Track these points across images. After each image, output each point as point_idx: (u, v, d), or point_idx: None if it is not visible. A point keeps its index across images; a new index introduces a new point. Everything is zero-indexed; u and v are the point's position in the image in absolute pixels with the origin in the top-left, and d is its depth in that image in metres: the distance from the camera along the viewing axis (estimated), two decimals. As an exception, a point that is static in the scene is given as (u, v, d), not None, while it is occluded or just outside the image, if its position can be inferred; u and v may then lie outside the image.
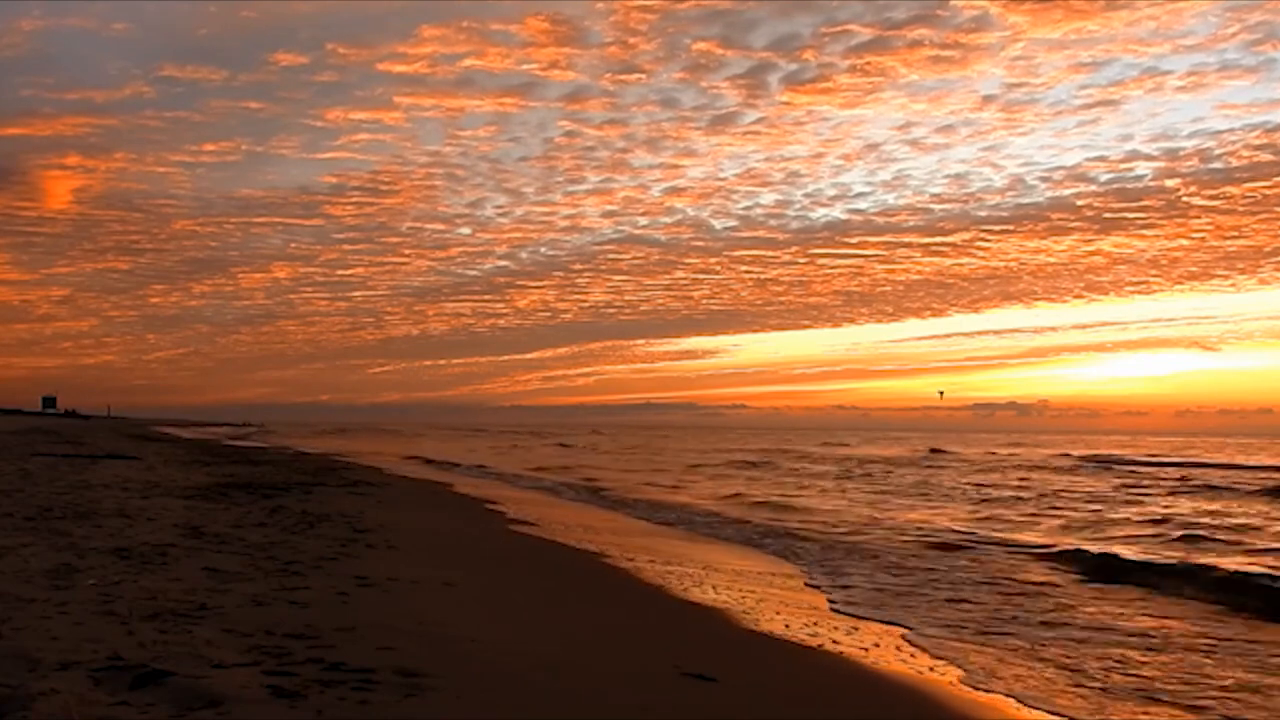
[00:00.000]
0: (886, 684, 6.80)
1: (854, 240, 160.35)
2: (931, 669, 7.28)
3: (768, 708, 5.75)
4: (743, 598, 9.81)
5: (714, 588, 10.38)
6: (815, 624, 8.73)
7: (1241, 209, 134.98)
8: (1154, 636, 8.94)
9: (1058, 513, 21.52)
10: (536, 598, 9.04)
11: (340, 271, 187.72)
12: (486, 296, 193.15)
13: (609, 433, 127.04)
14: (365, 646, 5.64)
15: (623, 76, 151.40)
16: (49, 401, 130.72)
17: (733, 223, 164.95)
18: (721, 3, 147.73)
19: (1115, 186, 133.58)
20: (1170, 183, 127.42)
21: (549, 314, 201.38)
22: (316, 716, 4.33)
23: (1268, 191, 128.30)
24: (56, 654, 5.07)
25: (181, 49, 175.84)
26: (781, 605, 9.65)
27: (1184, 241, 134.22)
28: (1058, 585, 11.91)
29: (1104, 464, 45.60)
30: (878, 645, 8.01)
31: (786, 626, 8.45)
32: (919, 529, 17.74)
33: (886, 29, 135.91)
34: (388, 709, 4.51)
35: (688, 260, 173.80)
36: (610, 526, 17.13)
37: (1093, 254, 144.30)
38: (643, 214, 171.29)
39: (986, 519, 20.27)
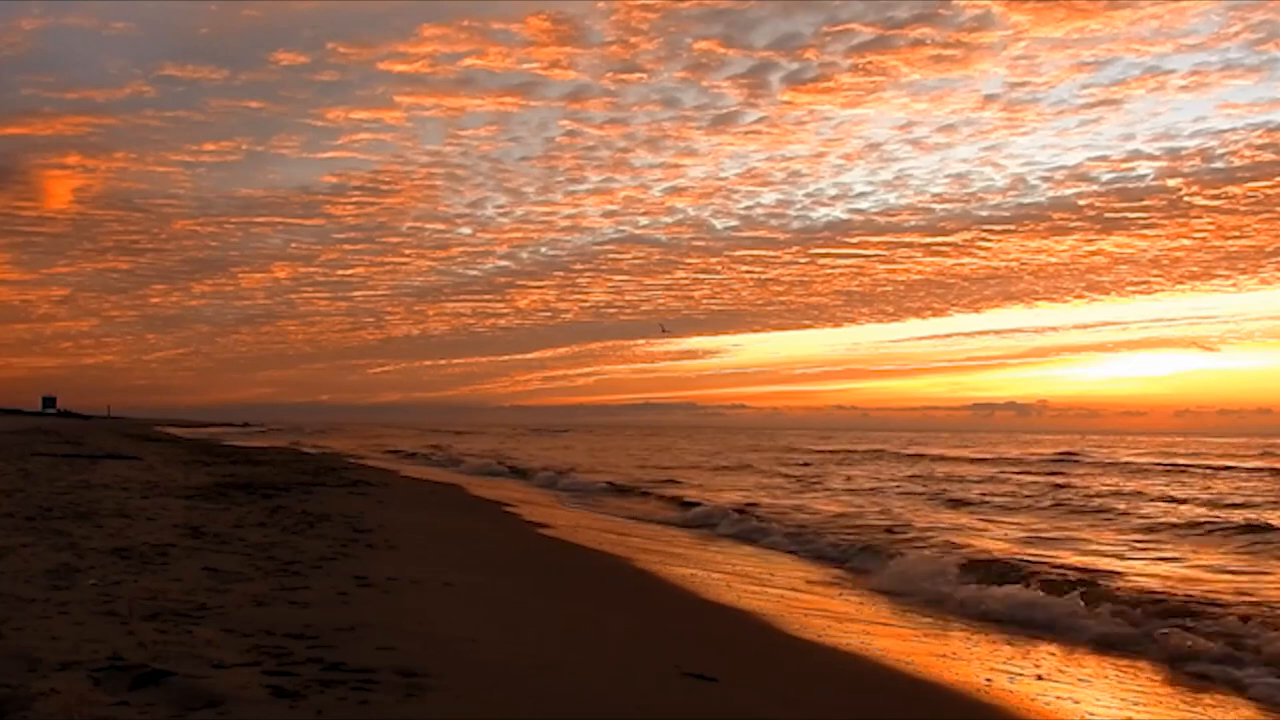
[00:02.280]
0: (894, 683, 6.80)
1: (855, 240, 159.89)
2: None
3: (768, 708, 5.75)
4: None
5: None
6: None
7: (1243, 209, 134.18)
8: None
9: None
10: (535, 596, 9.03)
11: (340, 271, 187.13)
12: (487, 296, 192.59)
13: (580, 433, 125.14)
14: (365, 646, 5.64)
15: (624, 76, 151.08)
16: (49, 401, 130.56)
17: (734, 222, 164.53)
18: (723, 2, 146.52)
19: (1117, 186, 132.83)
20: (1172, 182, 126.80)
21: (549, 314, 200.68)
22: (316, 716, 4.33)
23: (1270, 191, 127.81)
24: (56, 654, 5.06)
25: (182, 48, 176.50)
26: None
27: (1185, 241, 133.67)
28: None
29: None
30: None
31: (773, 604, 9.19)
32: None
33: (888, 28, 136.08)
34: (388, 709, 4.51)
35: (688, 260, 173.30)
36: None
37: (1094, 254, 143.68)
38: (644, 214, 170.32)
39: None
